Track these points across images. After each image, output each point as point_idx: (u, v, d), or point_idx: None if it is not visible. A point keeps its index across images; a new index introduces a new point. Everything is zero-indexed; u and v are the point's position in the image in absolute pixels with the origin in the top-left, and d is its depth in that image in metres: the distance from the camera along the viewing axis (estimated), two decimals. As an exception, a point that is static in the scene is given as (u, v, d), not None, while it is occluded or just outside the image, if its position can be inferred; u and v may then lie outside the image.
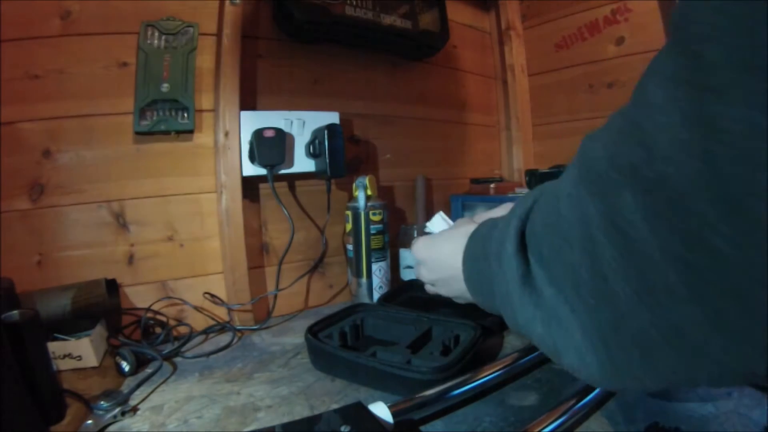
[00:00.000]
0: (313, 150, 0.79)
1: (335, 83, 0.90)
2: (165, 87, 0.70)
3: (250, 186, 0.78)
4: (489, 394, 0.47)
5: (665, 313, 0.18)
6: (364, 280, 0.80)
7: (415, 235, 0.90)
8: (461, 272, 0.38)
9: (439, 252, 0.44)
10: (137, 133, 0.70)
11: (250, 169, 0.76)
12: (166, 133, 0.72)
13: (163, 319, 0.71)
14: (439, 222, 0.53)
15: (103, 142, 0.69)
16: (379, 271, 0.80)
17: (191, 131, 0.74)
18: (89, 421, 0.44)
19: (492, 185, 1.01)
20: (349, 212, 0.81)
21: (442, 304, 0.65)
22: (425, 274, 0.47)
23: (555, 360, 0.27)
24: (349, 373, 0.52)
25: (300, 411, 0.46)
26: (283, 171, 0.79)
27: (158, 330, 0.69)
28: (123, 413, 0.46)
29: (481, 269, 0.34)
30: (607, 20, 1.04)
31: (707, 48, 0.15)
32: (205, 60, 0.75)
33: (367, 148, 0.95)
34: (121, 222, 0.70)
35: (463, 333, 0.56)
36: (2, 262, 0.59)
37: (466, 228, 0.39)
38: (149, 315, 0.69)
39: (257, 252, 0.81)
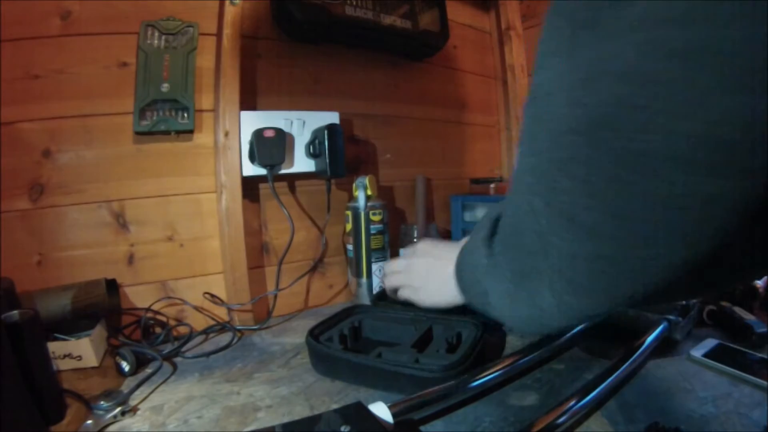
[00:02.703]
0: (313, 150, 0.79)
1: (335, 83, 0.90)
2: (165, 87, 0.71)
3: (250, 186, 0.78)
4: (489, 394, 0.47)
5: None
6: (364, 280, 0.80)
7: (416, 235, 0.90)
8: (449, 281, 0.47)
9: (439, 254, 0.52)
10: (137, 133, 0.70)
11: (250, 169, 0.76)
12: (166, 133, 0.72)
13: (163, 319, 0.71)
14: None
15: (103, 142, 0.69)
16: (379, 271, 0.80)
17: (191, 131, 0.74)
18: (89, 421, 0.44)
19: (492, 185, 1.01)
20: (349, 212, 0.81)
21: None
22: (404, 279, 0.60)
23: (537, 329, 0.35)
24: (355, 376, 0.52)
25: (300, 411, 0.46)
26: (283, 171, 0.79)
27: (158, 330, 0.69)
28: (123, 413, 0.46)
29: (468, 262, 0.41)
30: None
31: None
32: (205, 60, 0.75)
33: (367, 148, 0.95)
34: (121, 222, 0.70)
35: (465, 330, 0.56)
36: (2, 262, 0.59)
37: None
38: (149, 315, 0.69)
39: (257, 252, 0.81)
